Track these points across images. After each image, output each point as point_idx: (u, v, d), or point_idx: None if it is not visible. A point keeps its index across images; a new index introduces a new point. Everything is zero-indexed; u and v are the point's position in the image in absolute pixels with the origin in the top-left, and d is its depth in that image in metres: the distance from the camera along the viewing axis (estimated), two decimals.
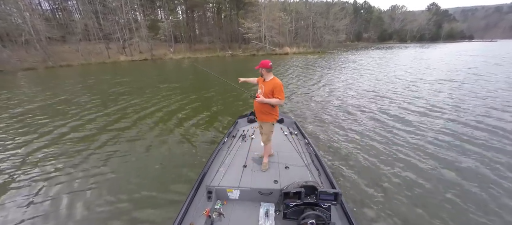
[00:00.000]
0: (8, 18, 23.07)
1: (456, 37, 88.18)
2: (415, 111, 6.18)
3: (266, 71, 2.42)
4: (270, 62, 2.40)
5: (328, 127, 5.29)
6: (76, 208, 2.87)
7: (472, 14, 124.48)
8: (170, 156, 4.12)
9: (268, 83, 2.44)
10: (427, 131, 4.86)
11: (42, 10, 33.50)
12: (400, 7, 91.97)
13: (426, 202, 2.82)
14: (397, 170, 3.50)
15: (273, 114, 2.52)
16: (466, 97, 7.39)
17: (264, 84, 2.46)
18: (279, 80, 2.42)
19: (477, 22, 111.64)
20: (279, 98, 2.36)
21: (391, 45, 58.55)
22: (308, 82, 11.19)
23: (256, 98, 2.43)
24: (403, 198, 2.90)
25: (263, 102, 2.40)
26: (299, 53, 32.90)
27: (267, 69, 2.41)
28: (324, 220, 1.75)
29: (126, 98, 8.66)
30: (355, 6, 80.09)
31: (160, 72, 17.61)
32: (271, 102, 2.39)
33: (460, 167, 3.52)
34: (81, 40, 28.66)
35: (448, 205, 2.76)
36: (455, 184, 3.12)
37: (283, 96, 2.38)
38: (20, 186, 3.35)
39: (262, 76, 2.51)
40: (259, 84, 2.58)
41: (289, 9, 40.92)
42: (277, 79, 2.43)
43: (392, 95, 7.91)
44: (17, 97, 9.33)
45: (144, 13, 34.99)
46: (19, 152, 4.44)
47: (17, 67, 19.72)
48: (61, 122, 6.07)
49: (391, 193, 2.99)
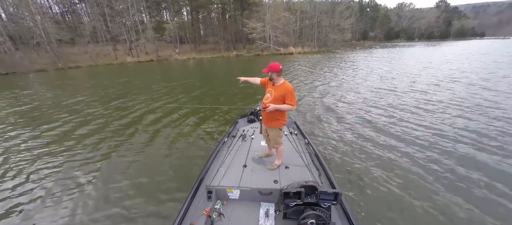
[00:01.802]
0: (21, 22, 23.90)
1: (466, 35, 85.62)
2: (417, 112, 6.03)
3: (276, 75, 2.26)
4: (280, 65, 2.24)
5: (329, 127, 5.26)
6: (73, 209, 2.86)
7: (484, 11, 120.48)
8: (170, 156, 4.14)
9: (278, 87, 2.29)
10: (429, 132, 4.76)
11: (53, 13, 34.50)
12: (408, 5, 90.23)
13: (428, 203, 2.76)
14: (398, 170, 3.46)
15: (281, 119, 2.40)
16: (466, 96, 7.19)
17: (274, 89, 2.30)
18: (290, 85, 2.28)
19: (489, 19, 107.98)
20: (291, 105, 2.22)
21: (396, 43, 57.45)
22: (309, 81, 11.12)
23: (265, 108, 2.24)
24: (404, 198, 2.86)
25: (274, 110, 2.24)
26: (304, 52, 32.72)
27: (277, 73, 2.24)
28: (324, 220, 1.74)
29: (129, 98, 8.81)
30: (361, 5, 78.98)
31: (165, 72, 17.85)
32: (282, 108, 2.25)
33: (460, 169, 3.44)
34: (90, 42, 29.37)
35: (454, 207, 2.69)
36: (461, 189, 3.03)
37: (295, 102, 2.24)
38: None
39: (271, 80, 2.35)
40: (267, 88, 2.42)
41: (294, 8, 40.69)
42: (288, 84, 2.29)
43: (394, 97, 7.70)
44: (37, 96, 9.69)
45: (150, 14, 35.53)
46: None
47: (29, 68, 20.39)
48: (55, 124, 6.11)
49: (392, 193, 2.95)
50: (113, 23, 30.46)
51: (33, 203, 3.02)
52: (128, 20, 31.17)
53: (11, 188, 3.35)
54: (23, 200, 3.09)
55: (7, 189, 3.34)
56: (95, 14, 30.64)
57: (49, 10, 33.39)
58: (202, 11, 40.29)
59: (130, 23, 31.14)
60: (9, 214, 2.84)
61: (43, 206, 2.95)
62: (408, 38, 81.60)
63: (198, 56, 31.82)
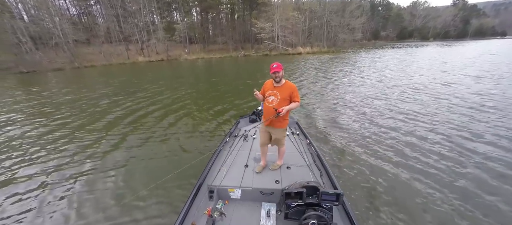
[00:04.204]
0: (41, 23, 25.19)
1: (486, 34, 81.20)
2: (423, 116, 5.76)
3: (281, 74, 2.23)
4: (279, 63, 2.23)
5: (330, 127, 5.21)
6: (71, 208, 2.88)
7: (505, 8, 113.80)
8: (172, 155, 4.13)
9: (283, 88, 2.26)
10: (435, 135, 4.59)
11: (70, 14, 36.11)
12: (422, 3, 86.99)
13: (428, 204, 2.71)
14: (400, 170, 3.40)
15: (287, 119, 2.40)
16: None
17: (279, 90, 2.26)
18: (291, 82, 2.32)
19: (511, 17, 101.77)
20: (297, 101, 2.25)
21: (408, 43, 55.55)
22: (314, 81, 11.00)
23: (279, 113, 2.16)
24: (405, 198, 2.81)
25: (287, 111, 2.19)
26: (313, 52, 32.32)
27: (281, 73, 2.22)
28: (326, 221, 1.72)
29: (135, 96, 9.04)
30: (372, 4, 76.90)
31: (174, 72, 18.21)
32: (292, 108, 2.22)
33: (459, 174, 3.31)
34: (104, 42, 30.50)
35: (457, 210, 2.62)
36: (466, 191, 2.92)
37: (299, 98, 2.29)
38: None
39: (276, 82, 2.28)
40: (269, 91, 2.33)
41: (303, 8, 40.30)
42: (290, 82, 2.30)
43: (400, 98, 7.40)
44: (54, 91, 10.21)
45: (160, 15, 36.41)
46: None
47: (47, 67, 21.44)
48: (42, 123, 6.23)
49: (394, 194, 2.90)
50: (126, 23, 31.49)
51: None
52: (140, 21, 32.09)
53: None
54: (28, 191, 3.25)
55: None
56: (109, 15, 31.77)
57: (66, 11, 35.00)
58: (211, 11, 40.78)
59: (142, 24, 32.06)
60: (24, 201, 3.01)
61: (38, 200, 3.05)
62: (422, 38, 78.60)
63: (207, 56, 32.23)
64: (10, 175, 3.71)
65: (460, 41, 58.67)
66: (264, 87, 2.45)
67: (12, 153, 4.47)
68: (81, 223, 2.67)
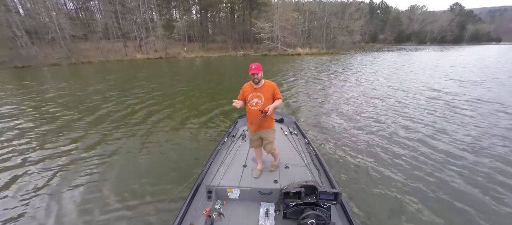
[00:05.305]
0: (37, 17, 24.78)
1: (481, 39, 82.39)
2: (420, 116, 5.90)
3: (260, 75, 2.17)
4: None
5: (329, 126, 5.24)
6: (70, 209, 2.83)
7: (501, 15, 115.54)
8: (170, 156, 4.09)
9: (264, 88, 2.21)
10: (428, 131, 4.76)
11: (67, 9, 35.61)
12: (420, 7, 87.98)
13: (428, 203, 2.74)
14: (399, 170, 3.44)
15: (274, 118, 2.40)
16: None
17: (261, 91, 2.21)
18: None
19: (507, 24, 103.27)
20: (280, 98, 2.24)
21: (405, 47, 56.09)
22: (313, 81, 11.05)
23: (266, 113, 2.11)
24: (404, 198, 2.84)
25: (272, 110, 2.17)
26: (312, 53, 32.44)
27: (260, 74, 2.16)
28: (324, 220, 1.74)
29: (131, 95, 8.93)
30: (371, 6, 77.44)
31: (172, 70, 18.09)
32: (277, 105, 2.21)
33: (459, 174, 3.38)
34: (101, 38, 30.12)
35: (456, 209, 2.67)
36: (460, 191, 2.99)
37: (281, 95, 2.27)
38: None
39: (255, 83, 2.21)
40: (251, 94, 2.23)
41: (303, 9, 40.39)
42: (269, 81, 2.26)
43: (394, 99, 7.56)
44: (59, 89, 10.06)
45: (160, 12, 36.14)
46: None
47: (43, 62, 21.11)
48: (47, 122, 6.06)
49: (393, 193, 2.93)
50: (124, 20, 31.16)
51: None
52: (139, 18, 31.81)
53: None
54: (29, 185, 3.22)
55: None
56: (107, 11, 31.42)
57: (64, 6, 34.49)
58: (211, 10, 40.62)
59: (141, 21, 31.78)
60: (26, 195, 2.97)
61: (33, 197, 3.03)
62: (419, 42, 79.48)
63: (206, 54, 32.11)
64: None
65: (456, 46, 59.50)
66: (243, 91, 2.31)
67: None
68: (75, 223, 2.62)
